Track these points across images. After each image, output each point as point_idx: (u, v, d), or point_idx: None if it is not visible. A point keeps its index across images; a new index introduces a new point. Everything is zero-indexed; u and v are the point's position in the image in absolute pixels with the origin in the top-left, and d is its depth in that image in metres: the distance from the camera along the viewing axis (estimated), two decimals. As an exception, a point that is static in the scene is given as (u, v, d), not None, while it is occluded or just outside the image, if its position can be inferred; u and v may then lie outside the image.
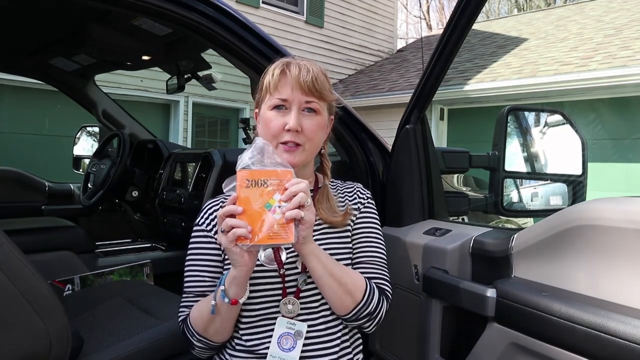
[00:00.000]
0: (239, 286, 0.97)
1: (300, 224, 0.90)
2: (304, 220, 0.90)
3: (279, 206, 0.88)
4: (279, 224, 0.88)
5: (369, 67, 9.78)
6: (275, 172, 0.90)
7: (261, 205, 0.88)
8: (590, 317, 0.83)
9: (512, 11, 19.36)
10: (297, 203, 0.88)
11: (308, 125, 1.04)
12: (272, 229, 0.88)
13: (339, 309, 1.04)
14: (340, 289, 1.01)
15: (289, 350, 1.02)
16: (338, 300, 1.02)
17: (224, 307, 0.99)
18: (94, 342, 1.30)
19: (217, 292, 0.99)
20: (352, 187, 1.20)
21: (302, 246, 0.96)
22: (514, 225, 3.27)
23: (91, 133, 3.14)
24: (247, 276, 0.97)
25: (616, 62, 6.06)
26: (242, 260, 0.93)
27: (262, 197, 0.89)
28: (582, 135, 1.55)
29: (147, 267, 2.22)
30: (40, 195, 2.80)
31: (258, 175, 0.89)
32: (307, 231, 0.93)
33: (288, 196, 0.89)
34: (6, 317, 0.94)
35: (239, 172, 0.90)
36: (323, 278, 1.00)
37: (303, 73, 1.04)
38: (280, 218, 0.88)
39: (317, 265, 0.99)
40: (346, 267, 1.06)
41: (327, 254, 1.02)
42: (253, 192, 0.89)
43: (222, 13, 1.40)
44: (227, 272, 0.98)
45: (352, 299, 1.03)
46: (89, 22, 2.04)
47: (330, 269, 1.00)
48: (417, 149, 1.50)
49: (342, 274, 1.02)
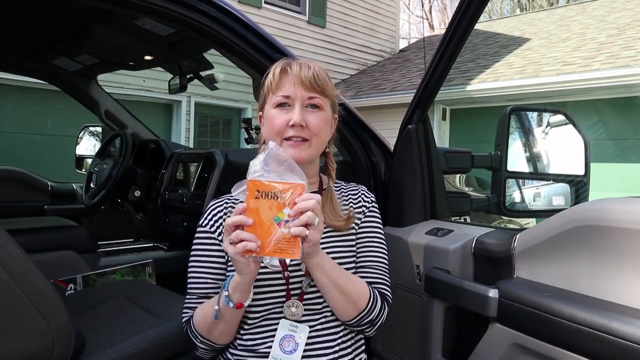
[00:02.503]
0: (243, 292, 0.97)
1: (304, 242, 0.89)
2: (308, 239, 0.88)
3: (287, 220, 0.87)
4: (285, 238, 0.86)
5: (371, 67, 9.77)
6: (286, 185, 0.88)
7: (270, 218, 0.87)
8: (593, 317, 0.82)
9: (514, 11, 19.33)
10: (304, 221, 0.87)
11: (313, 120, 1.04)
12: (279, 243, 0.86)
13: (342, 316, 1.05)
14: (344, 298, 1.01)
15: (290, 353, 1.02)
16: (341, 308, 1.03)
17: (228, 312, 0.99)
18: (96, 342, 1.31)
19: (220, 297, 0.98)
20: (356, 189, 1.19)
21: (307, 260, 0.96)
22: (516, 225, 3.27)
23: (94, 133, 3.15)
24: (251, 282, 0.97)
25: (619, 62, 6.04)
26: (247, 270, 0.92)
27: (272, 210, 0.87)
28: (585, 136, 1.54)
29: (149, 267, 2.22)
30: (42, 194, 2.80)
31: (269, 187, 0.87)
32: (312, 248, 0.92)
33: (296, 212, 0.87)
34: (9, 316, 0.94)
35: (250, 182, 0.87)
36: (327, 287, 1.00)
37: (304, 69, 1.04)
38: (287, 233, 0.86)
39: (321, 276, 0.99)
40: (351, 276, 1.06)
41: (333, 264, 1.01)
42: (263, 204, 0.87)
43: (224, 13, 1.40)
44: (230, 276, 0.98)
45: (355, 307, 1.03)
46: (91, 22, 2.04)
47: (335, 279, 1.00)
48: (419, 149, 1.50)
49: (346, 283, 1.02)
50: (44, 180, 2.85)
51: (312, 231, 0.88)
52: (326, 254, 1.01)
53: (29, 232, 2.11)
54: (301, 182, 0.89)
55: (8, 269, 0.94)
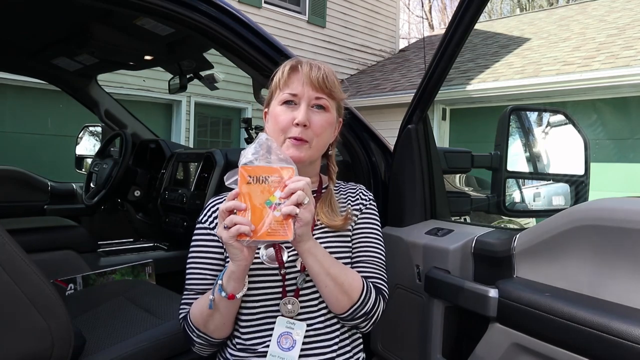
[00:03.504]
0: (237, 281, 0.97)
1: (296, 222, 0.90)
2: (299, 218, 0.90)
3: (279, 203, 0.89)
4: (277, 220, 0.89)
5: (371, 67, 9.78)
6: (276, 169, 0.91)
7: (262, 201, 0.89)
8: (593, 317, 0.82)
9: (514, 11, 19.33)
10: (295, 201, 0.89)
11: (316, 121, 1.05)
12: (271, 225, 0.88)
13: (335, 308, 1.04)
14: (337, 288, 1.01)
15: (288, 350, 1.02)
16: (334, 299, 1.03)
17: (222, 303, 0.99)
18: (96, 341, 1.31)
19: (215, 287, 1.00)
20: (354, 188, 1.20)
21: (298, 243, 0.96)
22: (516, 225, 3.26)
23: (94, 133, 3.15)
24: (245, 271, 0.97)
25: (619, 62, 6.04)
26: (241, 255, 0.93)
27: (263, 194, 0.89)
28: (585, 135, 1.55)
29: (149, 267, 2.23)
30: (42, 194, 2.80)
31: (260, 171, 0.90)
32: (303, 229, 0.93)
33: (287, 193, 0.89)
34: (9, 316, 0.95)
35: (241, 168, 0.90)
36: (319, 276, 1.00)
37: (314, 70, 1.05)
38: (280, 216, 0.89)
39: (313, 263, 0.99)
40: (344, 266, 1.06)
41: (325, 252, 1.02)
42: (254, 189, 0.89)
43: (224, 13, 1.40)
44: (226, 267, 0.99)
45: (348, 298, 1.03)
46: (91, 22, 2.04)
47: (328, 267, 1.00)
48: (419, 148, 1.50)
49: (339, 272, 1.02)
50: (44, 180, 2.85)
51: (303, 210, 0.90)
52: (318, 242, 1.02)
53: (29, 232, 2.11)
54: (291, 166, 0.92)
55: (8, 269, 0.94)
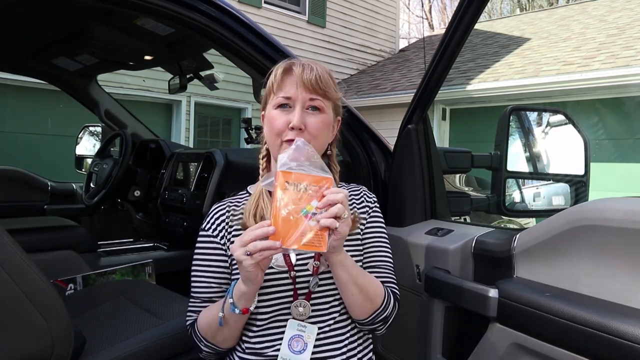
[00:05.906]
0: (248, 300, 0.96)
1: (333, 234, 0.88)
2: (337, 231, 0.88)
3: (315, 213, 0.86)
4: (313, 231, 0.86)
5: (371, 67, 9.77)
6: (316, 178, 0.88)
7: (298, 209, 0.86)
8: (593, 317, 0.82)
9: (514, 11, 19.33)
10: (334, 213, 0.86)
11: (312, 122, 1.03)
12: (306, 236, 0.86)
13: (358, 314, 1.04)
14: (362, 295, 1.01)
15: (299, 353, 1.01)
16: (358, 306, 1.03)
17: (233, 318, 0.98)
18: (96, 341, 1.30)
19: (225, 304, 0.98)
20: (358, 190, 1.19)
21: (331, 255, 0.95)
22: (516, 225, 3.26)
23: (93, 133, 3.15)
24: (257, 291, 0.96)
25: (619, 62, 6.04)
26: (255, 280, 0.92)
27: (300, 202, 0.87)
28: (585, 135, 1.55)
29: (149, 267, 2.22)
30: (42, 194, 2.80)
31: (299, 178, 0.87)
32: (339, 242, 0.92)
33: (325, 204, 0.86)
34: (9, 316, 0.94)
35: (279, 173, 0.87)
36: (347, 285, 1.00)
37: (306, 71, 1.03)
38: (315, 225, 0.86)
39: (343, 273, 0.99)
40: (368, 274, 1.06)
41: (353, 262, 1.01)
42: (291, 196, 0.87)
43: (224, 13, 1.40)
44: (235, 282, 0.97)
45: (372, 304, 1.03)
46: (91, 22, 2.04)
47: (356, 277, 1.00)
48: (419, 148, 1.50)
49: (365, 281, 1.02)
50: (44, 180, 2.85)
51: (342, 224, 0.88)
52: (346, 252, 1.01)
53: (29, 232, 2.10)
54: (329, 176, 0.89)
55: (8, 269, 0.94)
